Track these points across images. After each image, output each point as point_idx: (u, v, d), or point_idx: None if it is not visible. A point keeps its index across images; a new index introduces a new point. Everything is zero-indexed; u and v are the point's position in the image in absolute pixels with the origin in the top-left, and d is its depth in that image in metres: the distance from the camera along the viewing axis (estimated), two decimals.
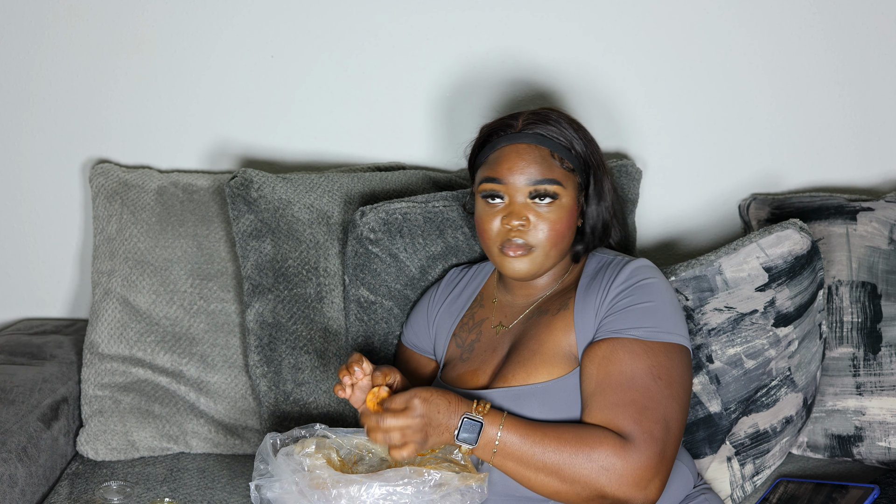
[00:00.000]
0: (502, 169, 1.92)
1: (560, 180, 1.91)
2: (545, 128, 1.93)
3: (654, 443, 1.77)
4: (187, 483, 2.19)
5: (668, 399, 1.81)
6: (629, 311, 1.86)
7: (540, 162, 1.91)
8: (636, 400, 1.79)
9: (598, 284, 1.91)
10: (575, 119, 1.98)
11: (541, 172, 1.90)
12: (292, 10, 2.46)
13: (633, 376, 1.81)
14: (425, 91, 2.49)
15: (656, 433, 1.77)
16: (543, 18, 2.44)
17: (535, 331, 1.93)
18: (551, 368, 1.88)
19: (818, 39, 2.42)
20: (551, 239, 1.91)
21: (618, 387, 1.80)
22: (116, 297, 2.33)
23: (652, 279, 1.90)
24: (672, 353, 1.84)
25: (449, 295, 2.12)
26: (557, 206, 1.90)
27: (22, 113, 2.53)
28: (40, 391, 2.27)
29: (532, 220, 1.90)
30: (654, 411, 1.79)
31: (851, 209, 2.27)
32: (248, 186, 2.22)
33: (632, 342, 1.83)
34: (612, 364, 1.82)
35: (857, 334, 2.20)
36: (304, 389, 2.21)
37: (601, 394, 1.81)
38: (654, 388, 1.80)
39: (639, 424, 1.77)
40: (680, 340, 1.86)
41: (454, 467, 1.78)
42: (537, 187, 1.90)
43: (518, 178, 1.90)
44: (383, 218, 2.17)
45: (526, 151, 1.92)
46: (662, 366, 1.82)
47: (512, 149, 1.93)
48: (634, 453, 1.75)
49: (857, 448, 2.18)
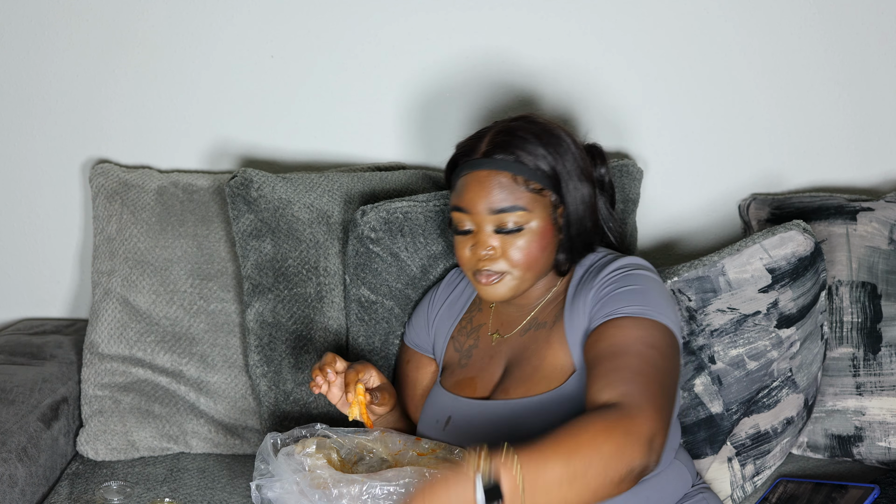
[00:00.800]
0: (466, 199, 1.89)
1: (525, 205, 1.86)
2: (508, 150, 1.87)
3: (653, 401, 1.67)
4: (187, 483, 2.19)
5: (662, 367, 1.74)
6: (616, 295, 1.82)
7: (501, 188, 1.86)
8: (630, 364, 1.72)
9: (583, 288, 1.89)
10: (549, 126, 1.93)
11: (503, 200, 1.86)
12: (292, 10, 2.46)
13: (625, 344, 1.76)
14: (425, 91, 2.49)
15: (654, 390, 1.69)
16: (543, 18, 2.44)
17: (535, 346, 1.92)
18: (550, 382, 1.86)
19: (818, 39, 2.42)
20: (522, 264, 1.88)
21: (611, 356, 1.75)
22: (116, 297, 2.33)
23: (638, 269, 1.87)
24: (664, 332, 1.79)
25: (449, 296, 2.12)
26: (526, 232, 1.87)
27: (22, 113, 2.53)
28: (40, 391, 2.27)
29: (500, 248, 1.88)
30: (648, 374, 1.71)
31: (851, 209, 2.27)
32: (248, 186, 2.22)
33: (622, 319, 1.79)
34: (603, 340, 1.78)
35: (857, 334, 2.20)
36: (305, 389, 2.20)
37: (596, 366, 1.75)
38: (648, 354, 1.74)
39: (635, 384, 1.68)
40: (669, 324, 1.81)
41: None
42: (501, 216, 1.86)
43: (482, 208, 1.87)
44: (384, 217, 2.17)
45: (486, 179, 1.87)
46: (655, 338, 1.77)
47: (473, 177, 1.89)
48: (637, 417, 1.64)
49: (857, 448, 2.18)
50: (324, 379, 1.87)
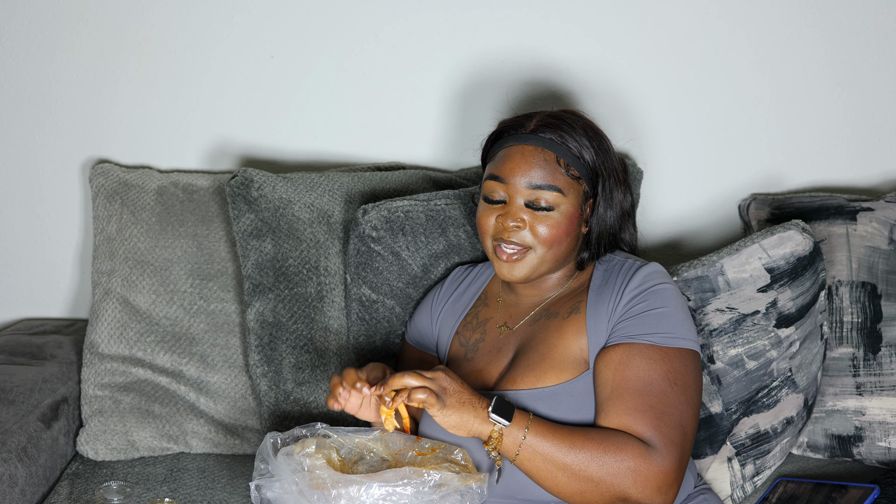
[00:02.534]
0: (506, 168, 1.92)
1: (561, 188, 1.90)
2: (556, 132, 1.92)
3: (674, 448, 1.78)
4: (187, 483, 2.19)
5: (684, 405, 1.81)
6: (644, 317, 1.86)
7: (543, 166, 1.90)
8: (654, 405, 1.79)
9: (610, 288, 1.91)
10: (594, 125, 1.98)
11: (542, 177, 1.90)
12: (292, 10, 2.46)
13: (650, 381, 1.81)
14: (425, 91, 2.49)
15: (675, 439, 1.78)
16: (544, 18, 2.44)
17: (545, 334, 1.93)
18: (560, 373, 1.88)
19: (818, 40, 2.42)
20: (547, 241, 1.90)
21: (635, 392, 1.80)
22: (116, 297, 2.33)
23: (665, 284, 1.90)
24: (686, 359, 1.85)
25: (453, 293, 2.12)
26: (556, 213, 1.90)
27: (22, 113, 2.53)
28: (40, 391, 2.27)
29: (528, 222, 1.90)
30: (671, 417, 1.79)
31: (851, 209, 2.27)
32: (248, 186, 2.22)
33: (648, 348, 1.83)
34: (628, 369, 1.82)
35: (857, 334, 2.20)
36: (305, 389, 2.21)
37: (618, 399, 1.81)
38: (671, 393, 1.81)
39: (658, 430, 1.78)
40: (692, 346, 1.87)
41: (454, 468, 1.78)
42: (536, 192, 1.89)
43: (519, 180, 1.90)
44: (385, 216, 2.17)
45: (531, 154, 1.91)
46: (678, 371, 1.83)
47: (518, 149, 1.93)
48: (658, 458, 1.76)
49: (857, 448, 2.18)
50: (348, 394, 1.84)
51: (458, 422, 1.77)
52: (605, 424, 1.81)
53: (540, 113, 1.97)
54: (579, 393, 1.85)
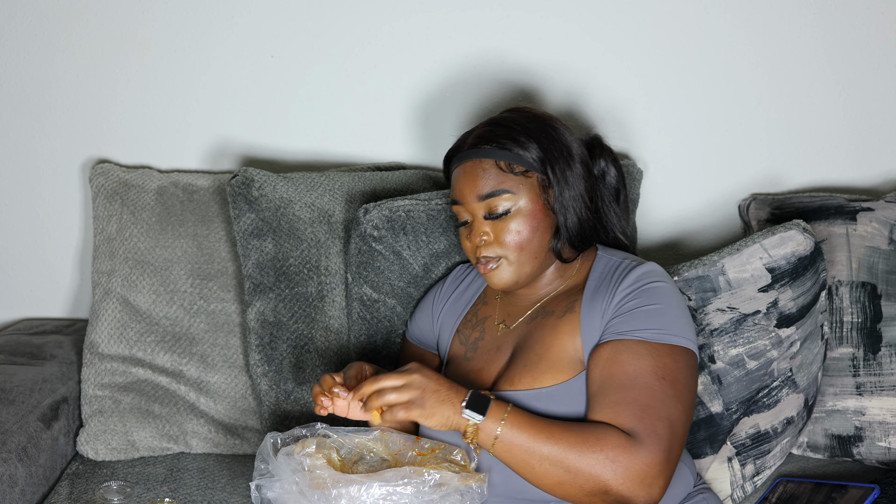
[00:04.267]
0: (457, 190, 1.95)
1: (510, 188, 1.90)
2: (491, 138, 1.93)
3: (658, 440, 1.76)
4: (187, 483, 2.19)
5: (672, 399, 1.80)
6: (635, 313, 1.85)
7: (484, 175, 1.91)
8: (638, 398, 1.78)
9: (605, 288, 1.91)
10: (537, 114, 1.97)
11: (489, 186, 1.91)
12: (292, 10, 2.47)
13: (635, 376, 1.80)
14: (425, 91, 2.49)
15: (660, 431, 1.76)
16: (543, 18, 2.44)
17: (541, 333, 1.93)
18: (556, 373, 1.88)
19: (818, 40, 2.42)
20: (514, 246, 1.91)
21: (620, 386, 1.80)
22: (116, 297, 2.33)
23: (660, 282, 1.89)
24: (678, 356, 1.84)
25: (454, 291, 2.13)
26: (515, 215, 1.91)
27: (22, 113, 2.53)
28: (40, 391, 2.27)
29: (492, 233, 1.91)
30: (656, 409, 1.78)
31: (851, 209, 2.27)
32: (249, 185, 2.22)
33: (636, 343, 1.83)
34: (615, 365, 1.82)
35: (857, 334, 2.21)
36: (306, 388, 2.21)
37: (603, 393, 1.80)
38: (658, 387, 1.80)
39: (641, 421, 1.76)
40: (686, 344, 1.85)
41: (454, 468, 1.78)
42: (488, 202, 1.91)
43: (470, 197, 1.93)
44: (387, 215, 2.17)
45: (472, 168, 1.93)
46: (667, 367, 1.82)
47: (461, 169, 1.96)
48: (641, 450, 1.74)
49: (857, 448, 2.19)
50: (333, 400, 1.87)
51: (440, 421, 1.79)
52: (592, 419, 1.80)
53: (479, 125, 1.98)
54: (577, 393, 1.85)
